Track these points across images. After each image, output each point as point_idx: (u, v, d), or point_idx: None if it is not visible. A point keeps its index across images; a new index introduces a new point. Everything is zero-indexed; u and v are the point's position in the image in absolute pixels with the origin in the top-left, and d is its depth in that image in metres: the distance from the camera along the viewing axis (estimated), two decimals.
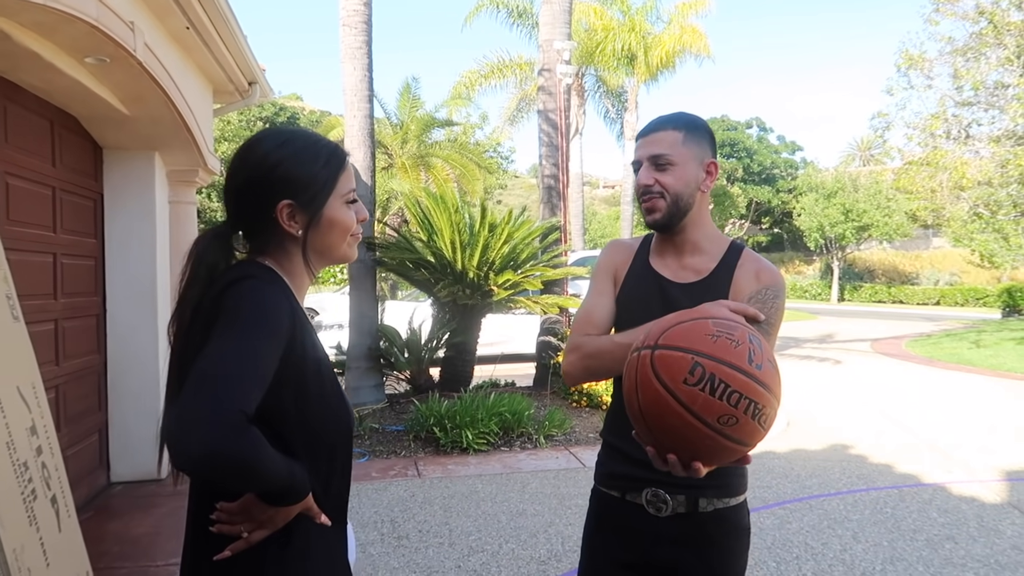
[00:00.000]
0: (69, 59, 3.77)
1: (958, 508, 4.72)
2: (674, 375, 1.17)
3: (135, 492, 4.90)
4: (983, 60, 13.56)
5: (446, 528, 4.38)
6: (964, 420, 7.56)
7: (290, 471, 1.15)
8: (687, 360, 1.17)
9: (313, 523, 1.24)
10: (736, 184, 36.82)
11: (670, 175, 1.68)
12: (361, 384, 7.46)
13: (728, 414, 1.15)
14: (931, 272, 34.73)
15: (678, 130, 1.70)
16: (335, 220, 1.32)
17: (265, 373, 1.10)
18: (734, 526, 1.69)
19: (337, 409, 1.29)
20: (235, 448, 1.01)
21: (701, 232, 1.74)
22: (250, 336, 1.12)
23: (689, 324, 1.25)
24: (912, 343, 15.34)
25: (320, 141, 1.35)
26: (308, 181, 1.28)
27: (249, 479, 1.09)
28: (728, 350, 1.18)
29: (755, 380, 1.17)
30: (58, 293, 4.37)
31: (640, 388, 1.22)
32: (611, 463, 1.77)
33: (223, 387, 1.03)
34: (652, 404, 1.20)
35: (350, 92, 7.54)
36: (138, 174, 5.11)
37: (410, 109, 20.04)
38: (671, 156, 1.68)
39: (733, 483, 1.69)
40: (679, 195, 1.68)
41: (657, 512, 1.66)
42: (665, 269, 1.74)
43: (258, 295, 1.18)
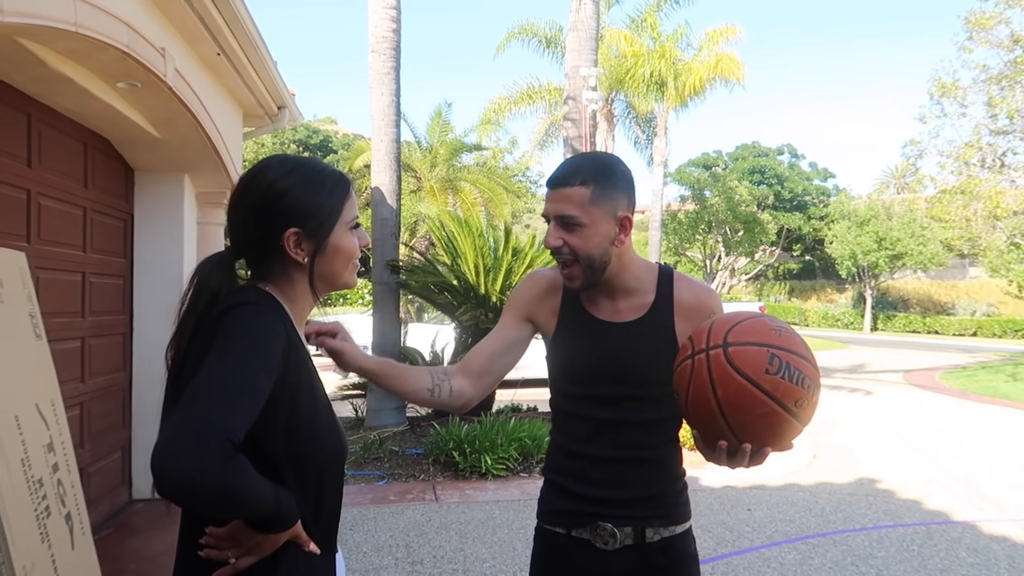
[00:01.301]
0: (102, 84, 3.88)
1: (988, 548, 4.57)
2: (755, 367, 1.28)
3: (156, 510, 4.93)
4: (1018, 88, 13.36)
5: (461, 554, 4.35)
6: (997, 455, 7.35)
7: (277, 498, 1.14)
8: (764, 353, 1.29)
9: (301, 551, 1.24)
10: (767, 211, 36.50)
11: (578, 237, 1.59)
12: (382, 406, 7.48)
13: (802, 397, 1.29)
14: (967, 302, 33.99)
15: (586, 185, 1.57)
16: (340, 247, 1.33)
17: (256, 400, 1.10)
18: (681, 554, 1.68)
19: (328, 436, 1.29)
20: (218, 477, 1.00)
21: (628, 275, 1.67)
22: (242, 362, 1.12)
23: (750, 323, 1.36)
24: (946, 375, 15.00)
25: (326, 170, 1.36)
26: (315, 209, 1.30)
27: (233, 507, 1.09)
28: (791, 341, 1.32)
29: (813, 365, 1.32)
30: (86, 311, 4.46)
31: (718, 384, 1.30)
32: (554, 499, 1.73)
33: (210, 414, 1.04)
34: (735, 396, 1.29)
35: (378, 117, 7.65)
36: (168, 195, 5.22)
37: (440, 133, 20.28)
38: (579, 217, 1.57)
39: (678, 511, 1.69)
40: (591, 256, 1.60)
41: (605, 545, 1.64)
42: (600, 312, 1.68)
43: (254, 321, 1.19)
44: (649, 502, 1.66)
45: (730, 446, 1.34)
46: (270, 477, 1.17)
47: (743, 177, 37.59)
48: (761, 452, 1.34)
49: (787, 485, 6.00)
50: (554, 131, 21.92)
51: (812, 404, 1.31)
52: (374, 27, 7.64)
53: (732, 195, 33.93)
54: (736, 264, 36.24)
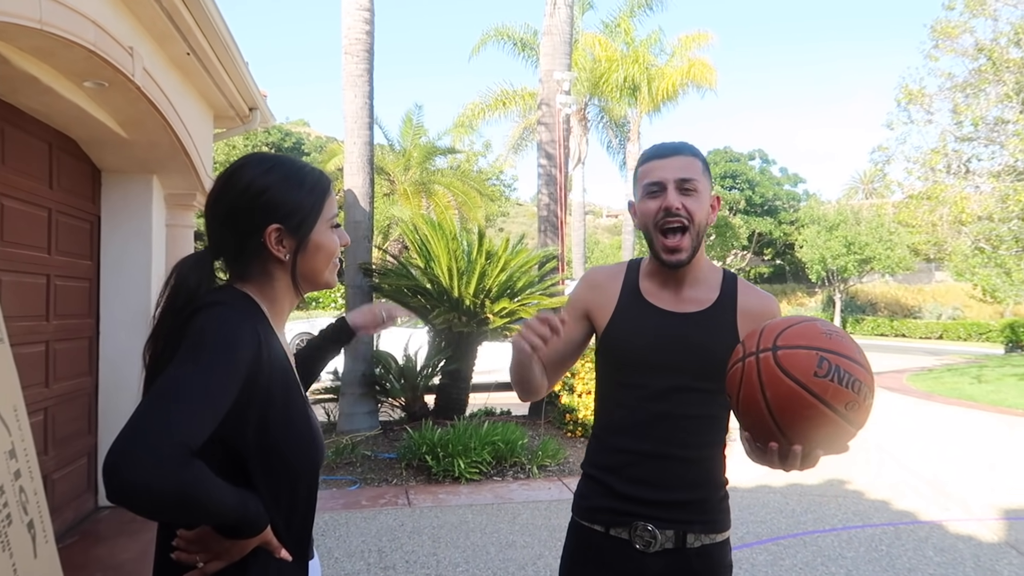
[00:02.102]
0: (68, 83, 3.81)
1: (955, 547, 4.65)
2: (804, 370, 1.29)
3: (123, 517, 4.84)
4: (983, 96, 13.64)
5: (434, 559, 4.32)
6: (963, 456, 7.49)
7: (243, 504, 1.12)
8: (814, 356, 1.30)
9: (271, 557, 1.22)
10: (738, 215, 36.87)
11: (695, 201, 1.61)
12: (355, 410, 7.42)
13: (852, 400, 1.29)
14: (934, 306, 34.63)
15: (696, 158, 1.64)
16: (321, 245, 1.33)
17: (218, 404, 1.08)
18: (719, 563, 1.66)
19: (303, 442, 1.26)
20: (171, 483, 0.98)
21: (699, 265, 1.70)
22: (207, 365, 1.10)
23: (802, 326, 1.36)
24: (913, 377, 15.25)
25: (305, 167, 1.35)
26: (296, 206, 1.29)
27: (190, 513, 1.06)
28: (843, 345, 1.33)
29: (866, 369, 1.33)
30: (50, 315, 4.36)
31: (767, 387, 1.31)
32: (594, 496, 1.71)
33: (167, 419, 1.01)
34: (785, 399, 1.30)
35: (351, 119, 7.60)
36: (136, 197, 5.14)
37: (413, 136, 20.22)
38: (697, 182, 1.61)
39: (720, 519, 1.68)
40: (701, 227, 1.62)
41: (645, 547, 1.62)
42: (662, 301, 1.69)
43: (223, 323, 1.17)
44: (692, 506, 1.64)
45: (781, 448, 1.34)
46: (241, 483, 1.15)
47: (715, 181, 37.94)
48: (812, 455, 1.34)
49: (758, 487, 6.05)
50: (528, 135, 21.97)
51: (864, 408, 1.32)
52: (347, 29, 7.59)
53: None
54: None
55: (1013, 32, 13.08)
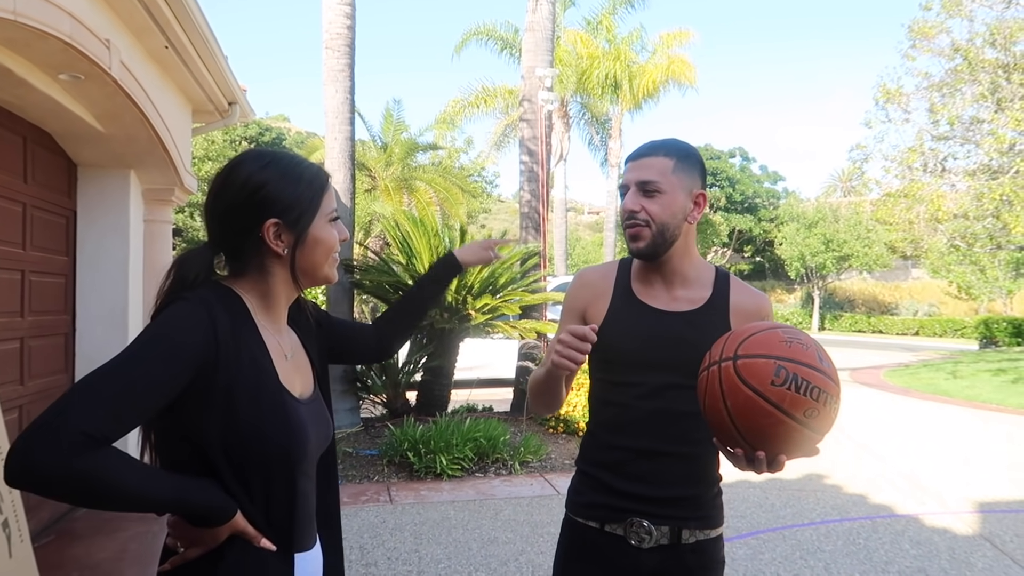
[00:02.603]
0: (43, 75, 3.75)
1: (930, 540, 4.71)
2: (762, 379, 1.31)
3: (100, 516, 4.78)
4: (958, 96, 13.82)
5: (416, 556, 4.32)
6: (939, 451, 7.59)
7: (180, 492, 1.14)
8: (771, 365, 1.31)
9: (249, 546, 1.23)
10: (719, 212, 37.10)
11: (657, 203, 1.63)
12: (337, 407, 7.38)
13: (811, 407, 1.30)
14: (910, 303, 35.08)
15: (669, 157, 1.65)
16: (320, 239, 1.33)
17: (145, 395, 1.09)
18: (712, 559, 1.68)
19: (275, 436, 1.24)
20: (61, 468, 0.99)
21: (689, 262, 1.71)
22: (136, 355, 1.11)
23: (762, 334, 1.38)
24: (890, 373, 15.44)
25: (303, 162, 1.36)
26: (294, 200, 1.30)
27: (97, 499, 1.07)
28: (802, 353, 1.33)
29: (827, 376, 1.33)
30: (25, 311, 4.30)
31: (727, 395, 1.34)
32: (589, 492, 1.71)
33: (74, 406, 1.03)
34: (743, 408, 1.32)
35: (332, 114, 7.56)
36: (113, 192, 5.07)
37: (395, 132, 20.12)
38: (660, 184, 1.63)
39: (714, 515, 1.69)
40: (665, 225, 1.64)
41: (639, 543, 1.63)
42: (654, 300, 1.70)
43: (171, 316, 1.18)
44: (687, 502, 1.65)
45: (745, 453, 1.36)
46: (208, 475, 1.18)
47: None
48: (777, 461, 1.35)
49: (738, 482, 6.08)
50: (511, 132, 21.96)
51: (826, 413, 1.32)
52: (328, 23, 7.54)
53: None
54: None
55: (988, 33, 13.25)
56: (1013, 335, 23.67)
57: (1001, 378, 13.34)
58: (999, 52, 13.26)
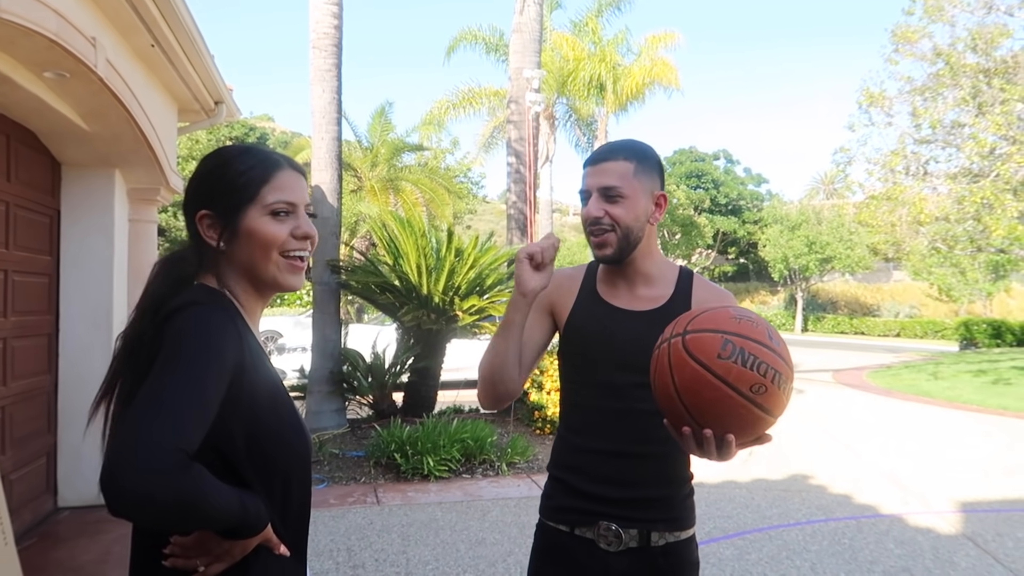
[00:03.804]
0: (27, 73, 3.70)
1: (914, 539, 4.76)
2: (708, 353, 1.30)
3: (83, 518, 4.74)
4: (940, 100, 13.97)
5: (403, 557, 4.30)
6: (921, 451, 7.66)
7: (242, 505, 1.10)
8: (718, 339, 1.30)
9: (271, 554, 1.20)
10: (703, 214, 37.26)
11: (620, 208, 1.63)
12: (322, 408, 7.36)
13: (758, 383, 1.28)
14: (892, 304, 35.40)
15: (629, 160, 1.64)
16: (253, 232, 1.23)
17: (209, 406, 1.06)
18: (684, 560, 1.67)
19: (293, 438, 1.24)
20: (174, 490, 0.95)
21: (651, 262, 1.72)
22: (192, 367, 1.07)
23: (713, 312, 1.38)
24: (872, 374, 15.58)
25: (259, 154, 1.29)
26: (225, 189, 1.24)
27: (194, 520, 1.04)
28: (751, 329, 1.32)
29: (777, 354, 1.32)
30: (8, 311, 4.25)
31: (675, 370, 1.33)
32: (559, 496, 1.72)
33: (161, 425, 0.99)
34: (690, 381, 1.31)
35: (319, 114, 7.53)
36: (97, 191, 5.02)
37: (381, 133, 20.07)
38: (622, 188, 1.62)
39: (685, 516, 1.69)
40: (629, 229, 1.64)
41: (608, 546, 1.62)
42: (617, 299, 1.71)
43: (202, 323, 1.13)
44: (656, 504, 1.64)
45: (694, 432, 1.34)
46: (234, 483, 1.13)
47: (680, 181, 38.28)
48: (725, 440, 1.32)
49: (724, 483, 6.13)
50: (499, 133, 21.95)
51: (776, 394, 1.30)
52: (315, 23, 7.51)
53: (670, 198, 34.57)
54: None
55: (970, 38, 13.42)
56: (992, 336, 23.97)
57: (981, 379, 13.49)
58: (980, 57, 13.43)
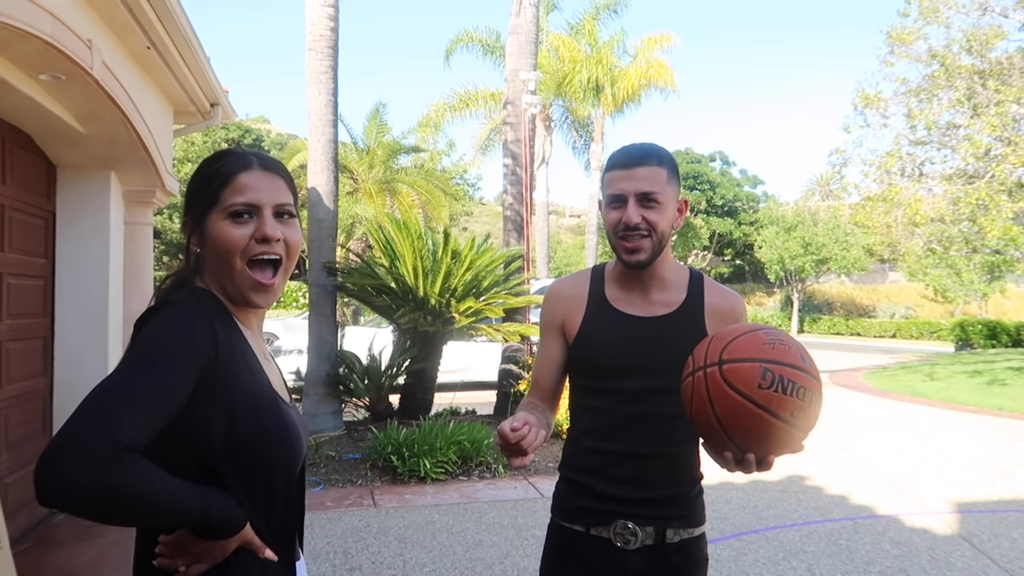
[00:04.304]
0: (23, 75, 3.70)
1: (910, 540, 4.76)
2: (749, 383, 1.32)
3: (79, 522, 4.70)
4: (935, 101, 14.01)
5: (400, 560, 4.30)
6: (917, 452, 7.68)
7: (204, 502, 1.09)
8: (757, 368, 1.32)
9: (254, 558, 1.19)
10: (699, 216, 37.33)
11: (656, 213, 1.63)
12: (319, 411, 7.34)
13: (797, 407, 1.32)
14: (887, 305, 35.49)
15: (662, 166, 1.65)
16: (213, 236, 1.23)
17: (163, 402, 1.04)
18: (696, 557, 1.70)
19: (274, 440, 1.23)
20: (99, 480, 0.94)
21: (667, 266, 1.73)
22: (150, 363, 1.06)
23: (745, 337, 1.39)
24: (868, 375, 15.60)
25: (228, 156, 1.28)
26: (194, 195, 1.27)
27: (128, 513, 1.01)
28: (786, 354, 1.35)
29: (810, 374, 1.35)
30: (3, 314, 4.24)
31: (715, 401, 1.35)
32: (573, 497, 1.73)
33: (101, 416, 0.98)
34: (733, 412, 1.33)
35: (315, 116, 7.52)
36: (93, 194, 5.01)
37: (377, 135, 20.07)
38: (659, 195, 1.63)
39: (696, 513, 1.71)
40: (663, 235, 1.65)
41: (625, 545, 1.64)
42: (630, 307, 1.71)
43: (172, 320, 1.13)
44: (670, 502, 1.67)
45: (735, 455, 1.38)
46: (213, 483, 1.13)
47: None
48: (767, 461, 1.37)
49: (722, 484, 6.12)
50: (495, 135, 21.96)
51: (811, 412, 1.34)
52: (311, 25, 7.50)
53: None
54: None
55: (965, 39, 13.46)
56: (988, 337, 24.04)
57: (977, 380, 13.52)
58: (975, 58, 13.47)
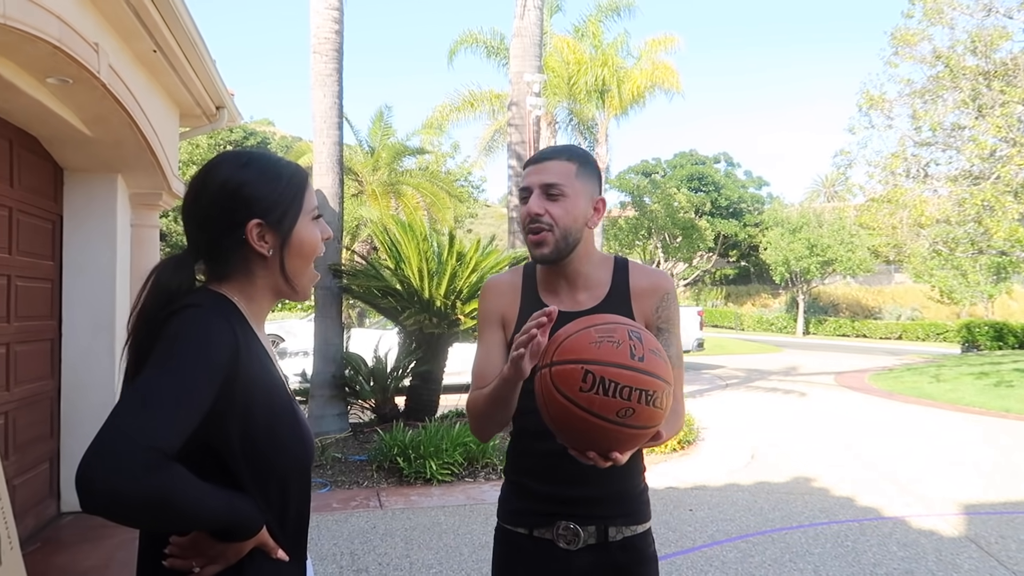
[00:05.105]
0: (30, 79, 3.71)
1: (917, 542, 4.75)
2: (571, 385, 1.30)
3: (86, 523, 4.74)
4: (940, 102, 13.98)
5: (407, 561, 4.30)
6: (923, 453, 7.66)
7: (230, 507, 1.10)
8: (578, 370, 1.30)
9: (268, 558, 1.20)
10: (704, 218, 37.29)
11: (560, 207, 1.64)
12: (325, 412, 7.36)
13: (624, 407, 1.28)
14: (893, 307, 35.39)
15: (572, 161, 1.67)
16: (304, 238, 1.30)
17: (194, 407, 1.06)
18: (642, 554, 1.69)
19: (289, 441, 1.24)
20: (143, 487, 0.95)
21: (589, 264, 1.73)
22: (179, 367, 1.07)
23: (575, 336, 1.36)
24: (874, 377, 15.56)
25: (281, 160, 1.33)
26: (276, 200, 1.27)
27: (168, 519, 1.03)
28: (612, 352, 1.31)
29: (640, 372, 1.31)
30: (11, 316, 4.26)
31: (546, 403, 1.35)
32: (515, 500, 1.73)
33: (139, 423, 0.99)
34: (559, 414, 1.33)
35: (320, 119, 7.54)
36: (100, 196, 5.03)
37: (382, 137, 20.10)
38: (563, 187, 1.64)
39: (640, 510, 1.71)
40: (568, 230, 1.65)
41: (568, 545, 1.64)
42: (560, 302, 1.71)
43: (196, 324, 1.14)
44: (611, 500, 1.66)
45: (579, 452, 1.36)
46: (229, 485, 1.13)
47: (681, 184, 38.35)
48: (612, 458, 1.34)
49: (727, 485, 6.13)
50: (499, 137, 21.97)
51: (646, 410, 1.30)
52: (316, 28, 7.53)
53: (671, 202, 34.61)
54: (674, 270, 36.94)
55: (969, 40, 13.44)
56: (994, 339, 23.93)
57: (983, 381, 13.48)
58: (980, 59, 13.45)
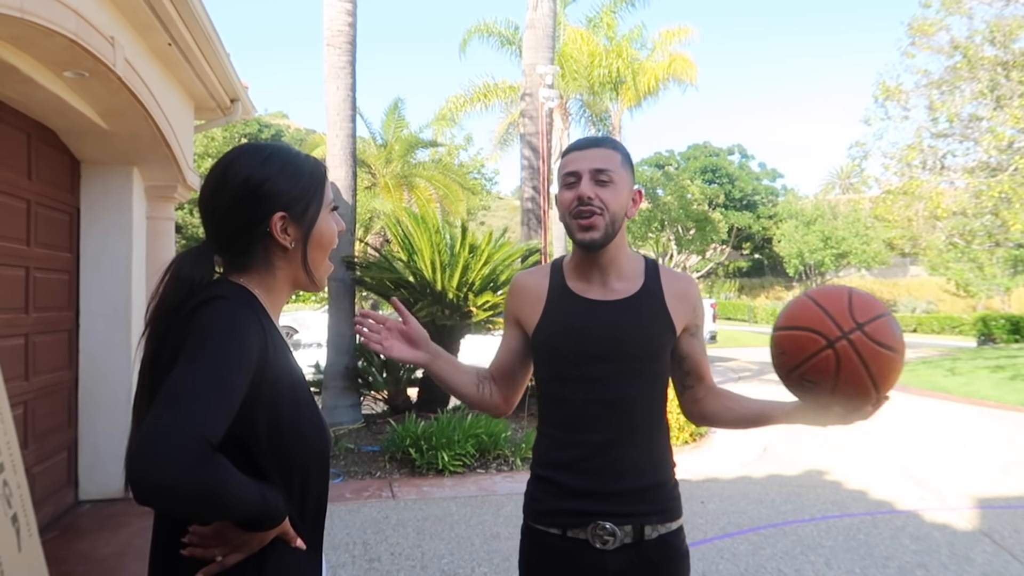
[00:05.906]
0: (47, 72, 3.76)
1: (930, 535, 4.74)
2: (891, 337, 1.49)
3: (103, 511, 4.81)
4: (957, 93, 13.82)
5: (419, 551, 4.34)
6: (937, 447, 7.62)
7: (262, 497, 1.12)
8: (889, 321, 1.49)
9: (288, 547, 1.22)
10: (717, 210, 37.13)
11: (610, 192, 1.64)
12: (338, 404, 7.41)
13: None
14: (908, 300, 35.12)
15: (616, 151, 1.68)
16: (324, 231, 1.33)
17: (234, 397, 1.08)
18: (676, 551, 1.68)
19: (312, 432, 1.26)
20: (197, 479, 0.98)
21: (624, 254, 1.73)
22: (218, 359, 1.09)
23: (858, 298, 1.50)
24: None
25: (300, 155, 1.35)
26: (299, 194, 1.29)
27: (215, 510, 1.06)
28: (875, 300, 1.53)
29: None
30: (30, 307, 4.32)
31: (869, 362, 1.47)
32: (547, 499, 1.68)
33: (186, 414, 1.00)
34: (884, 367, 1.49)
35: (333, 111, 7.57)
36: (116, 189, 5.08)
37: (395, 129, 20.13)
38: (612, 173, 1.65)
39: (674, 507, 1.69)
40: (616, 215, 1.65)
41: (604, 545, 1.60)
42: (591, 292, 1.71)
43: (227, 316, 1.16)
44: (646, 495, 1.64)
45: (872, 403, 1.54)
46: (254, 475, 1.14)
47: (695, 176, 38.20)
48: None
49: (739, 478, 6.13)
50: (513, 130, 21.92)
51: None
52: (329, 20, 7.55)
53: (684, 194, 34.45)
54: (688, 262, 36.80)
55: (988, 30, 13.26)
56: (1011, 332, 23.70)
57: (999, 375, 13.36)
58: (998, 49, 13.27)
